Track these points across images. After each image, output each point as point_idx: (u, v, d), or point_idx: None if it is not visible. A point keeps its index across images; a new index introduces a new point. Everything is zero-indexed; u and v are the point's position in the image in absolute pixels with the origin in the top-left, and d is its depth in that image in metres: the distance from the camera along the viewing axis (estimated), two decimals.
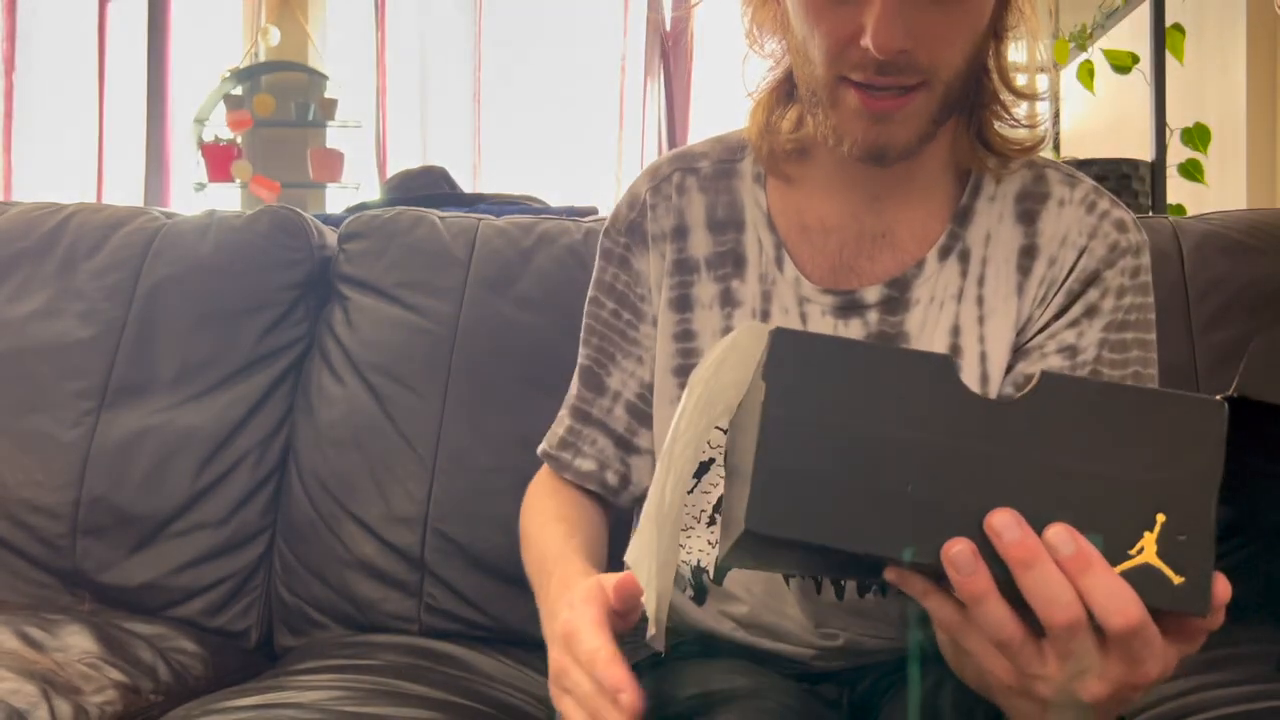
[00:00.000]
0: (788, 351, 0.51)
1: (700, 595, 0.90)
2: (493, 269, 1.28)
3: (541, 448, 0.95)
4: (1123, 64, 2.66)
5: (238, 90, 4.56)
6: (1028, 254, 0.82)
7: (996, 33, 0.77)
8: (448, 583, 1.19)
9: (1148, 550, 0.48)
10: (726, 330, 0.85)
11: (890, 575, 0.51)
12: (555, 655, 0.67)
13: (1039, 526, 0.48)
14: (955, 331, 0.81)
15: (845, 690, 0.86)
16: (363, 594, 1.20)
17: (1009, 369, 0.81)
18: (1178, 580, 0.48)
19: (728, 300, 0.85)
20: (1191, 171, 2.68)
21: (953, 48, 0.72)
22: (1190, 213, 2.14)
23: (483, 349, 1.25)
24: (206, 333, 1.29)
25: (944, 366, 0.51)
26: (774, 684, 0.79)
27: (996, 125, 0.81)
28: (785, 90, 0.83)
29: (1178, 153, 2.66)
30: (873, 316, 0.82)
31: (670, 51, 4.27)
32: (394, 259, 1.30)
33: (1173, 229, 1.25)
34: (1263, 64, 2.71)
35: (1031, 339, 0.81)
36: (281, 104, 4.50)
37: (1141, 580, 0.47)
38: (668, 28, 4.25)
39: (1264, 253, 1.21)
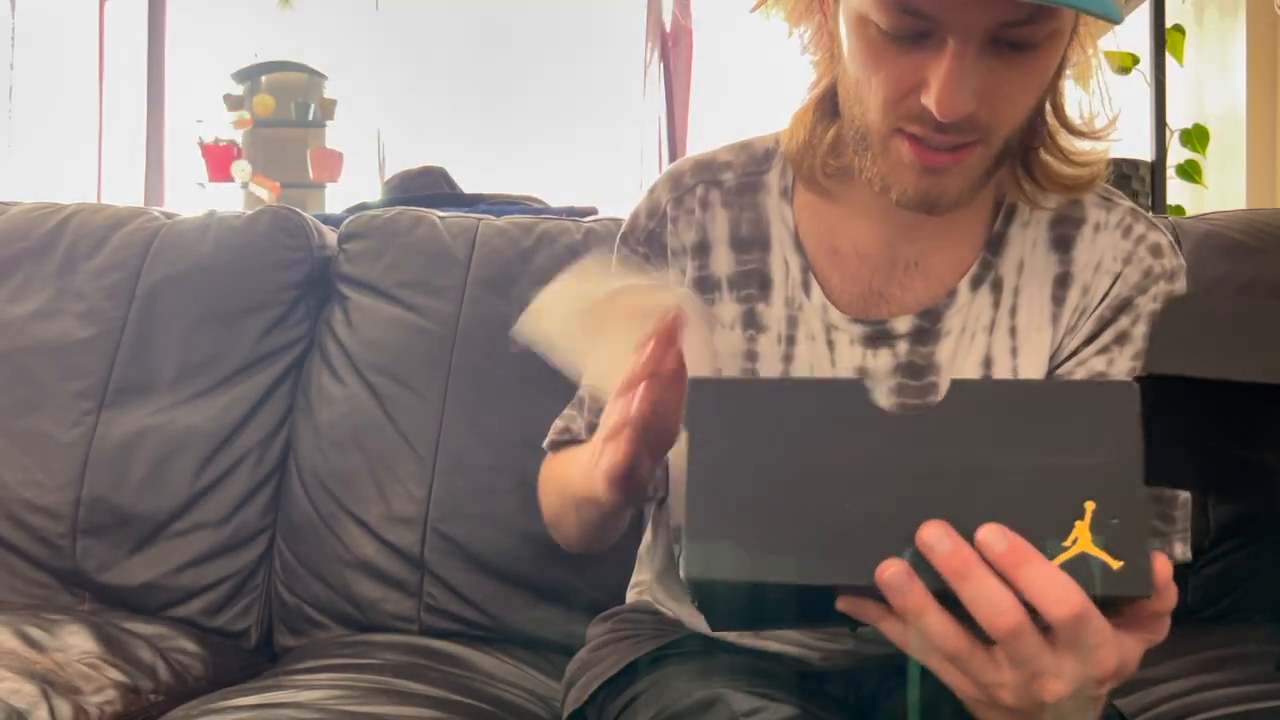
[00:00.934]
0: (705, 399, 0.52)
1: None
2: (493, 269, 1.28)
3: (551, 439, 0.93)
4: (1123, 64, 2.66)
5: (238, 90, 4.56)
6: (1062, 283, 0.80)
7: (1055, 70, 0.73)
8: (447, 582, 1.19)
9: (1082, 539, 0.48)
10: (749, 353, 0.83)
11: (843, 605, 0.51)
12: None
13: (970, 528, 0.48)
14: (988, 363, 0.79)
15: (850, 689, 0.86)
16: (363, 594, 1.20)
17: None
18: (1116, 565, 0.48)
19: (751, 323, 0.83)
20: (1189, 172, 2.68)
21: (1016, 105, 0.68)
22: (1190, 213, 2.15)
23: (483, 349, 1.25)
24: (206, 333, 1.29)
25: (855, 390, 0.51)
26: (779, 683, 0.79)
27: (1050, 162, 0.77)
28: (827, 108, 0.78)
29: (1177, 153, 2.66)
30: (902, 347, 0.80)
31: (670, 51, 4.27)
32: (394, 259, 1.30)
33: (1173, 229, 1.25)
34: (1263, 64, 2.71)
35: (1060, 365, 0.79)
36: (281, 104, 4.50)
37: (1080, 570, 0.48)
38: (668, 28, 4.25)
39: (1264, 252, 1.21)
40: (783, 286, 0.82)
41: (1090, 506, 0.49)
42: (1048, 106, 0.75)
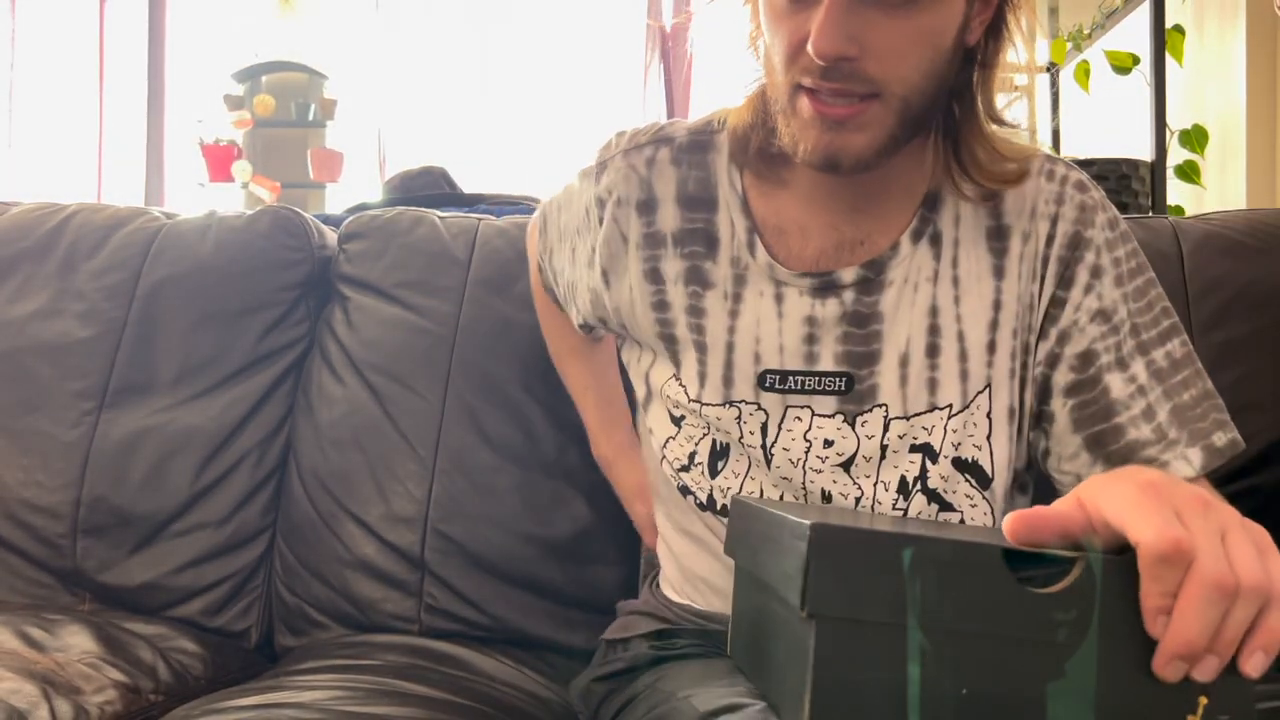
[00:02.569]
0: (827, 553, 0.49)
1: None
2: (493, 269, 1.28)
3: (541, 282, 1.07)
4: (1123, 64, 2.66)
5: (238, 90, 4.56)
6: (998, 235, 0.84)
7: (983, 62, 0.78)
8: (448, 583, 1.19)
9: None
10: (692, 309, 0.86)
11: None
12: None
13: (1091, 710, 0.48)
14: (934, 312, 0.83)
15: None
16: (363, 594, 1.20)
17: (1055, 359, 0.83)
18: None
19: (695, 278, 0.86)
20: (1188, 173, 2.68)
21: (905, 61, 0.73)
22: (1190, 213, 2.15)
23: (483, 349, 1.25)
24: (206, 333, 1.29)
25: (993, 558, 0.49)
26: None
27: (981, 156, 0.80)
28: (762, 99, 0.84)
29: (1177, 154, 2.66)
30: (849, 296, 0.83)
31: (670, 51, 4.27)
32: (394, 259, 1.30)
33: (1172, 229, 1.25)
34: (1263, 64, 2.71)
35: (1056, 317, 0.83)
36: (281, 104, 4.50)
37: None
38: (668, 28, 4.25)
39: (1264, 253, 1.21)
40: (729, 246, 0.86)
41: (1203, 701, 0.48)
42: (978, 100, 0.79)
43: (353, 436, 1.24)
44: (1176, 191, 2.77)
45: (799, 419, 0.83)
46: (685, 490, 0.89)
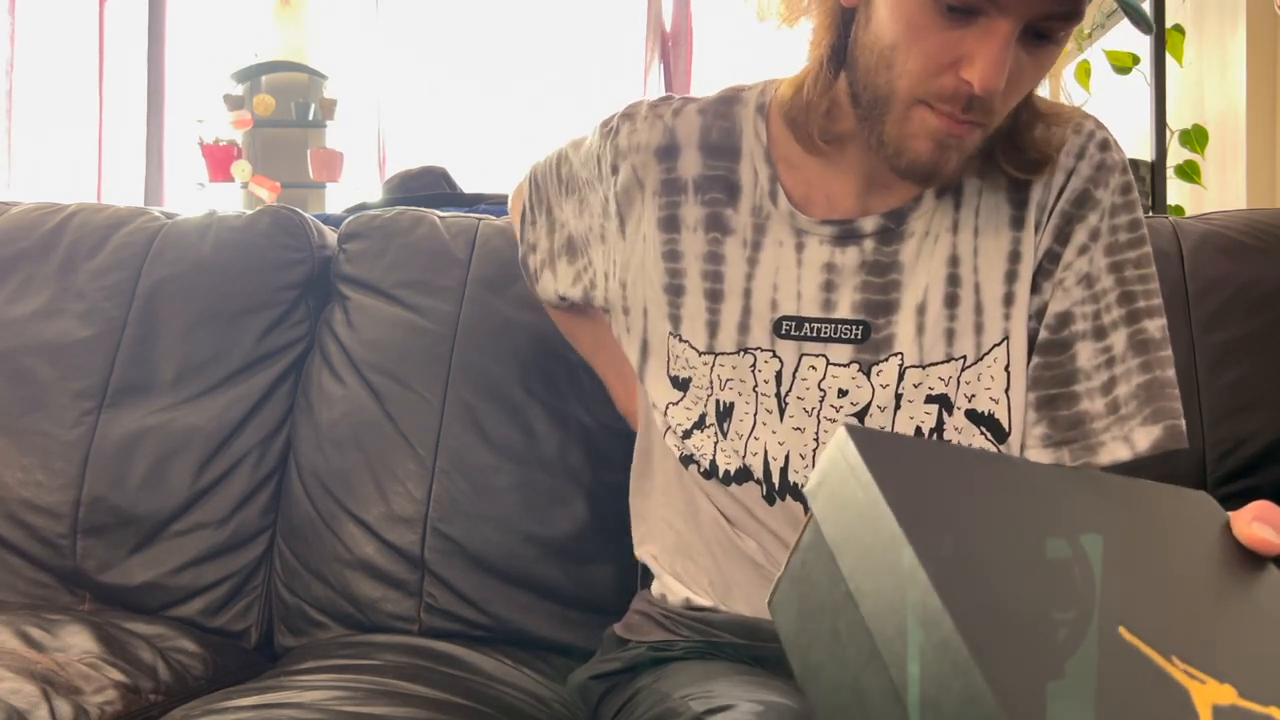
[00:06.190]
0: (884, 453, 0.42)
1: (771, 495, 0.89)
2: (493, 269, 1.28)
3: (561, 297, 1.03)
4: (1123, 64, 2.66)
5: (238, 90, 4.56)
6: (1017, 186, 0.83)
7: None
8: (448, 583, 1.19)
9: None
10: (711, 255, 0.85)
11: None
12: None
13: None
14: (953, 261, 0.82)
15: None
16: (363, 594, 1.20)
17: (1041, 314, 0.82)
18: None
19: (715, 225, 0.86)
20: (1188, 173, 2.68)
21: (1021, 93, 0.74)
22: (1190, 213, 2.15)
23: (483, 349, 1.25)
24: (206, 333, 1.29)
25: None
26: (775, 685, 0.79)
27: (1017, 149, 0.80)
28: (830, 73, 0.80)
29: (1176, 154, 2.66)
30: (868, 245, 0.82)
31: (670, 51, 4.27)
32: (394, 259, 1.30)
33: (1173, 229, 1.25)
34: (1263, 64, 2.71)
35: (1050, 272, 0.82)
36: (281, 104, 4.51)
37: None
38: (668, 28, 4.25)
39: (1264, 252, 1.21)
40: (750, 195, 0.85)
41: None
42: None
43: (353, 436, 1.24)
44: (1176, 191, 2.77)
45: (813, 368, 0.83)
46: (688, 460, 0.89)
